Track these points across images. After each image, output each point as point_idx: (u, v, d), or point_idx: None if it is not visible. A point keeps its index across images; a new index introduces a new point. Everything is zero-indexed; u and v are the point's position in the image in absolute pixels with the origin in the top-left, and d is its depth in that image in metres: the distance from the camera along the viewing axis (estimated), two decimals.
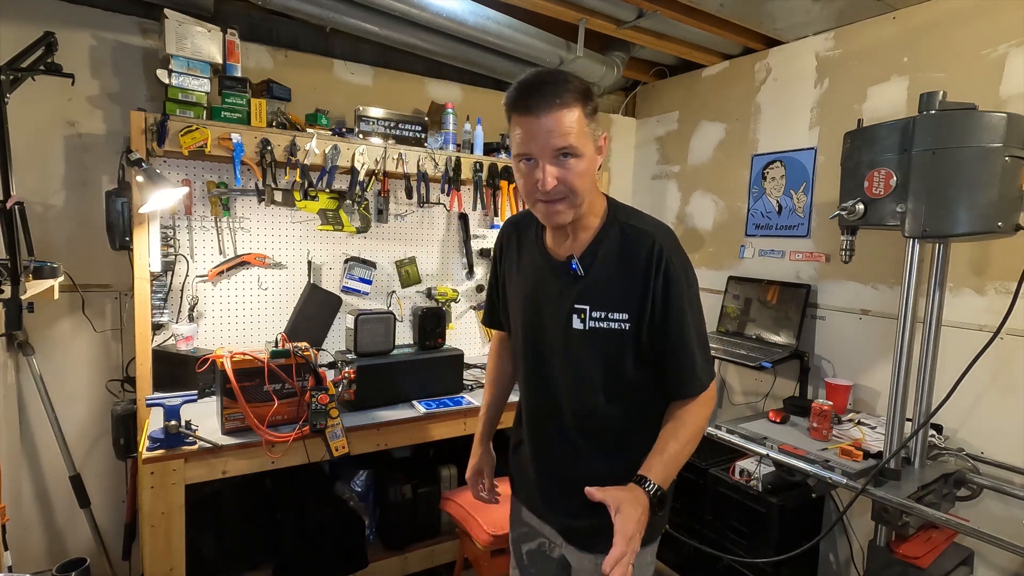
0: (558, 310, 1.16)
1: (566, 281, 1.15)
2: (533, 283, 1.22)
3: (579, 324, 1.13)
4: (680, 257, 1.11)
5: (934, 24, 2.13)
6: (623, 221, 1.14)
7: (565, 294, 1.15)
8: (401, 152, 2.38)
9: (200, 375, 1.91)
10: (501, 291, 1.35)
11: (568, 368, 1.17)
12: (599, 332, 1.12)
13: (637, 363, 1.13)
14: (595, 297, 1.12)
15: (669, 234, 1.14)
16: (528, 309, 1.22)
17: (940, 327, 1.77)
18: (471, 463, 1.47)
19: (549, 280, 1.18)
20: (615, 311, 1.10)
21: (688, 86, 3.16)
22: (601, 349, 1.13)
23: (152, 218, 1.95)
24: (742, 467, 2.26)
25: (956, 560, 1.80)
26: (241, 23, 2.23)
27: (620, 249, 1.11)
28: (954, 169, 1.53)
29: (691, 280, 1.13)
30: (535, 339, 1.21)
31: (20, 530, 2.09)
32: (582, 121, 1.03)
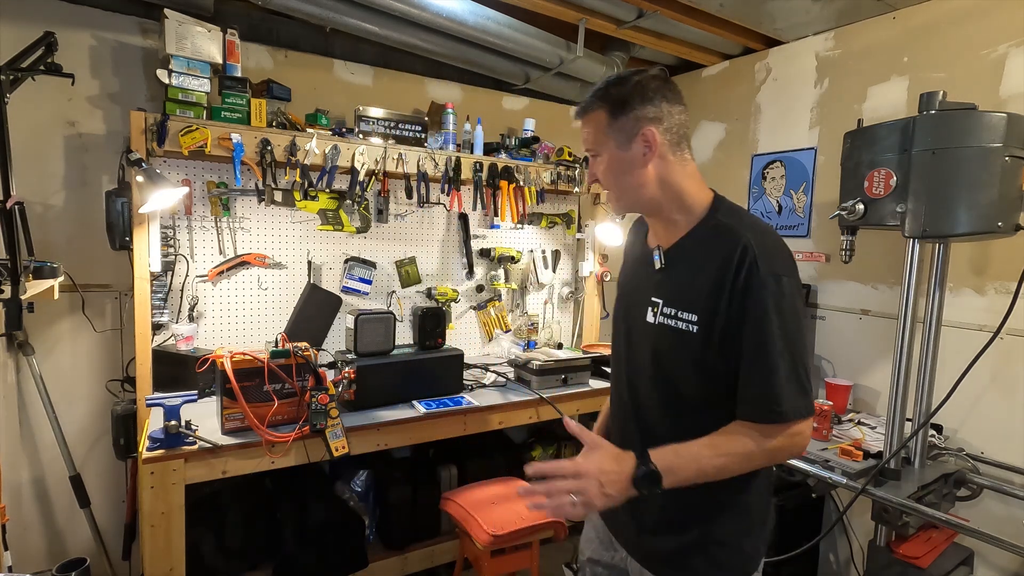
0: (639, 301, 1.14)
1: (648, 272, 1.13)
2: (629, 273, 1.24)
3: (651, 318, 1.09)
4: (775, 262, 0.98)
5: (934, 24, 2.13)
6: (719, 219, 1.06)
7: (645, 285, 1.13)
8: (401, 152, 2.38)
9: (200, 375, 1.91)
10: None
11: (633, 365, 1.15)
12: (666, 329, 1.05)
13: (698, 372, 1.03)
14: (670, 292, 1.07)
15: (770, 238, 1.02)
16: (620, 298, 1.25)
17: (940, 327, 1.77)
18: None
19: (639, 270, 1.19)
20: (686, 310, 1.03)
21: (688, 86, 3.16)
22: (660, 347, 1.07)
23: (152, 218, 1.95)
24: None
25: (956, 560, 1.80)
26: (241, 23, 2.23)
27: (706, 247, 1.04)
28: (954, 169, 1.53)
29: (785, 291, 0.96)
30: (620, 329, 1.22)
31: (20, 530, 2.09)
32: (603, 122, 1.06)
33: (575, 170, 2.78)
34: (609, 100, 1.05)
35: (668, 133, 1.05)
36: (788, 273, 0.98)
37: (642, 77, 1.05)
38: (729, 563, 1.07)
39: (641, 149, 1.04)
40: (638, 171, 1.06)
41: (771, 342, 0.95)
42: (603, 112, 1.05)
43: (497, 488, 2.19)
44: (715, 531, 1.07)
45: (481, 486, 2.21)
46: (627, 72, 1.07)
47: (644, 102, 1.03)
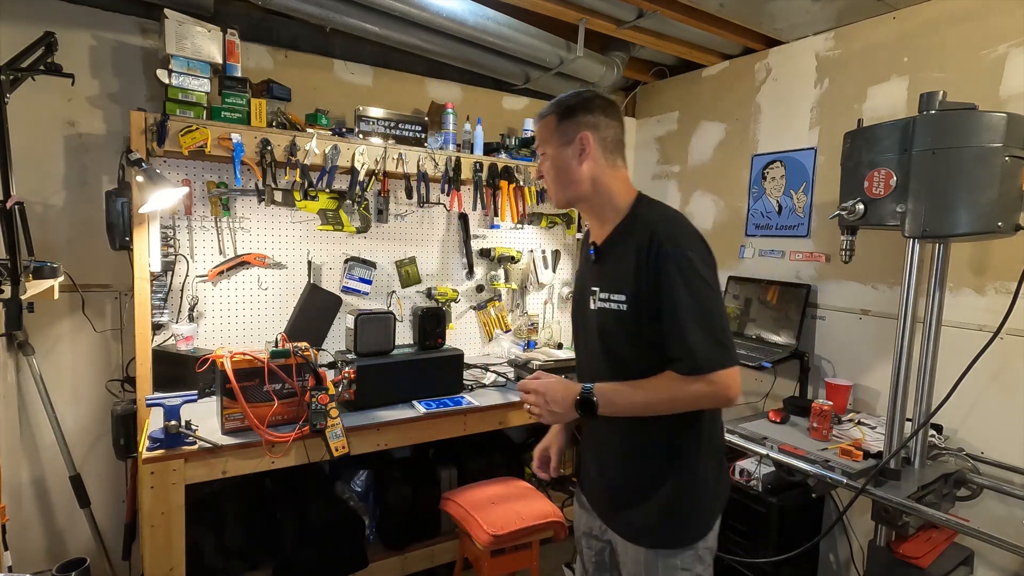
0: (584, 292, 1.32)
1: (589, 266, 1.33)
2: (579, 270, 1.46)
3: (592, 305, 1.27)
4: (679, 240, 1.15)
5: (934, 24, 2.13)
6: (638, 212, 1.25)
7: (588, 277, 1.32)
8: (401, 152, 2.38)
9: (200, 375, 1.91)
10: None
11: (586, 347, 1.33)
12: (604, 312, 1.23)
13: (634, 345, 1.20)
14: (604, 280, 1.25)
15: (674, 222, 1.19)
16: (573, 293, 1.46)
17: (940, 327, 1.77)
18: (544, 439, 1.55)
19: (583, 265, 1.39)
20: (616, 292, 1.21)
21: (688, 86, 3.16)
22: (604, 328, 1.24)
23: (152, 218, 1.95)
24: (742, 467, 2.26)
25: (956, 560, 1.80)
26: (241, 23, 2.23)
27: (627, 237, 1.23)
28: (954, 169, 1.53)
29: (691, 262, 1.13)
30: (576, 319, 1.40)
31: (20, 530, 2.09)
32: (552, 125, 1.27)
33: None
34: (560, 107, 1.26)
35: (602, 141, 1.25)
36: (692, 247, 1.15)
37: (590, 94, 1.27)
38: (687, 525, 1.24)
39: (578, 149, 1.24)
40: (574, 167, 1.25)
41: (682, 306, 1.12)
42: (553, 116, 1.27)
43: (497, 488, 2.19)
44: (683, 490, 1.23)
45: (481, 486, 2.21)
46: (579, 90, 1.29)
47: (586, 112, 1.24)
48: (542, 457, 1.52)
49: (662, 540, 1.24)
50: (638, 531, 1.26)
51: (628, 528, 1.28)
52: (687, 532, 1.24)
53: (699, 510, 1.25)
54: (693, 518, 1.24)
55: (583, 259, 1.40)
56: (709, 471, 1.26)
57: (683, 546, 1.24)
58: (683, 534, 1.24)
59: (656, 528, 1.24)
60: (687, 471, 1.23)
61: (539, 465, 1.52)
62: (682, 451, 1.23)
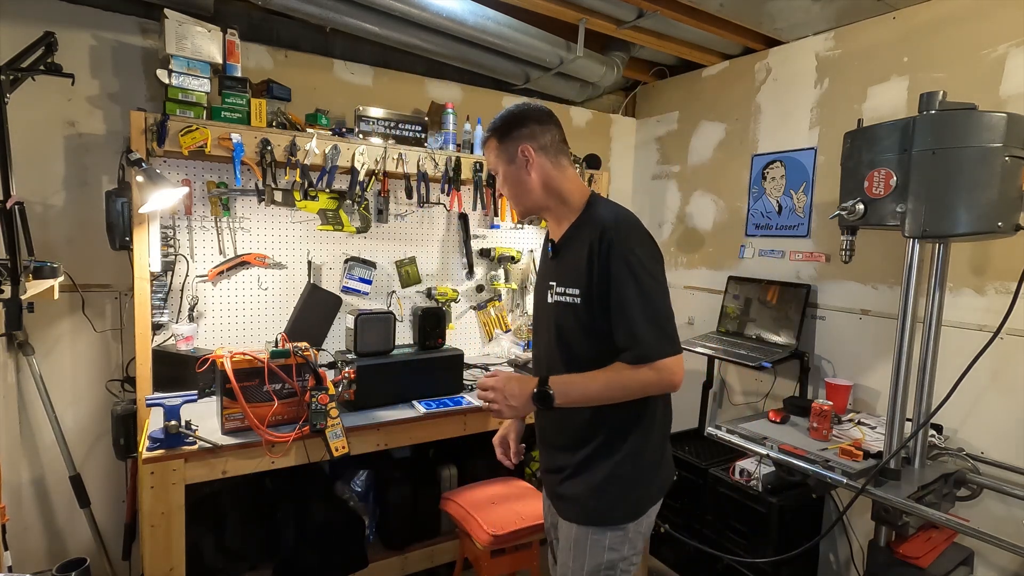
0: (543, 286, 1.40)
1: (547, 262, 1.42)
2: (539, 267, 1.52)
3: (551, 298, 1.35)
4: (629, 238, 1.23)
5: (934, 24, 2.13)
6: (591, 211, 1.33)
7: (546, 272, 1.41)
8: (401, 152, 2.38)
9: (200, 375, 1.91)
10: None
11: (544, 339, 1.41)
12: (560, 305, 1.32)
13: (587, 336, 1.28)
14: (560, 274, 1.33)
15: (624, 220, 1.27)
16: (535, 289, 1.51)
17: (940, 327, 1.77)
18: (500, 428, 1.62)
19: (543, 262, 1.47)
20: (571, 287, 1.29)
21: (688, 86, 3.16)
22: (559, 321, 1.32)
23: (152, 218, 1.95)
24: (742, 467, 2.26)
25: (956, 560, 1.80)
26: (241, 23, 2.23)
27: (581, 233, 1.31)
28: (954, 169, 1.53)
29: (638, 258, 1.22)
30: (536, 313, 1.47)
31: (20, 530, 2.09)
32: (494, 146, 1.37)
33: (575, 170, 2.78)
34: (496, 130, 1.37)
35: (542, 148, 1.34)
36: (640, 244, 1.24)
37: (517, 109, 1.36)
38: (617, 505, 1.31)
39: (523, 161, 1.33)
40: (524, 179, 1.35)
41: (629, 299, 1.20)
42: (494, 139, 1.37)
43: (497, 488, 2.19)
44: (616, 473, 1.30)
45: (481, 486, 2.21)
46: (509, 107, 1.38)
47: (519, 126, 1.34)
48: (502, 445, 1.59)
49: (591, 517, 1.31)
50: (570, 508, 1.35)
51: (563, 505, 1.37)
52: (616, 511, 1.31)
53: (633, 492, 1.31)
54: (625, 499, 1.31)
55: (542, 256, 1.49)
56: (652, 457, 1.34)
57: (611, 524, 1.30)
58: (612, 513, 1.30)
59: (586, 505, 1.32)
60: (627, 454, 1.30)
61: (501, 453, 1.58)
62: (624, 434, 1.31)
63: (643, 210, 3.48)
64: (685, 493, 2.55)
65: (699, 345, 2.67)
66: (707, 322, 2.97)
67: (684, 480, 2.58)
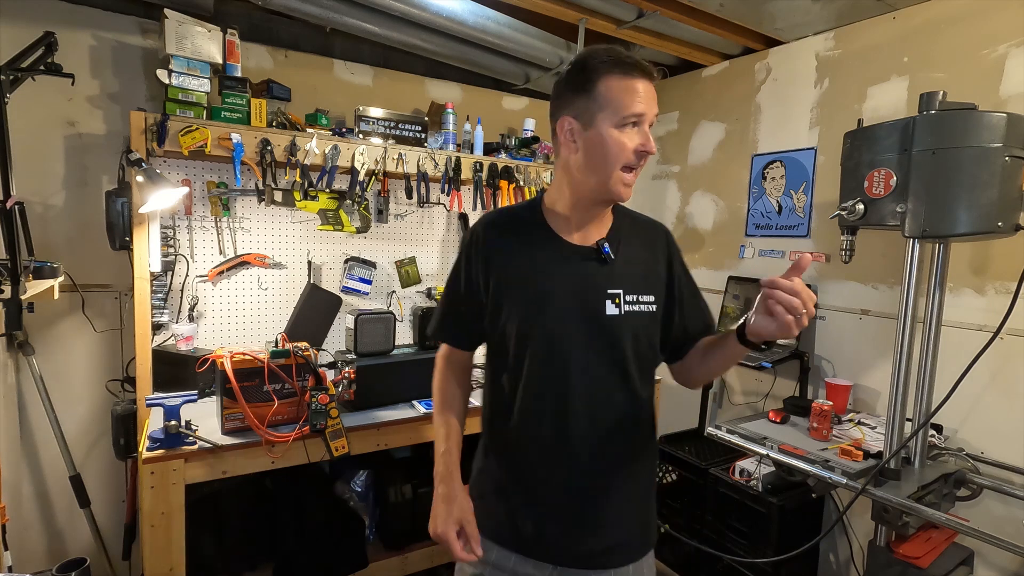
0: (593, 297, 1.13)
1: (594, 267, 1.15)
2: (553, 274, 1.15)
3: (614, 309, 1.13)
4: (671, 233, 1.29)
5: (934, 24, 2.13)
6: (627, 212, 1.26)
7: (596, 280, 1.14)
8: (401, 152, 2.38)
9: (200, 375, 1.91)
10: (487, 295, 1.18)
11: (590, 358, 1.13)
12: (633, 316, 1.14)
13: (654, 347, 1.20)
14: (627, 281, 1.15)
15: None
16: (548, 300, 1.14)
17: (940, 327, 1.77)
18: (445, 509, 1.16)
19: (577, 268, 1.15)
20: (644, 294, 1.16)
21: (688, 86, 3.16)
22: (634, 332, 1.14)
23: (152, 218, 1.95)
24: (742, 467, 2.26)
25: (956, 560, 1.80)
26: (241, 23, 2.23)
27: (640, 236, 1.22)
28: (954, 169, 1.53)
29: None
30: (557, 332, 1.13)
31: (20, 530, 2.09)
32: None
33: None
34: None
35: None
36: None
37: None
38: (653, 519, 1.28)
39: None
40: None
41: (695, 288, 1.25)
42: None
43: None
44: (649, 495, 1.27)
45: None
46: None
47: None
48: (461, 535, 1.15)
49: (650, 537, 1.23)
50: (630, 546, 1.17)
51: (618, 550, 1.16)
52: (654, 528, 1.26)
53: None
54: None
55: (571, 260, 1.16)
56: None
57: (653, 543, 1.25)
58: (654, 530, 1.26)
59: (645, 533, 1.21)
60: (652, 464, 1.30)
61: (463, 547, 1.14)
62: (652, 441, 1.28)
63: (643, 210, 3.44)
64: (685, 493, 2.55)
65: None
66: None
67: (684, 480, 2.58)
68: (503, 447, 1.23)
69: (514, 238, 1.19)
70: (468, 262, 1.21)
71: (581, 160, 1.10)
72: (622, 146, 1.06)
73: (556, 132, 1.14)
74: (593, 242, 1.16)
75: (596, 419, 1.14)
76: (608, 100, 1.06)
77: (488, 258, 1.18)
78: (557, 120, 1.13)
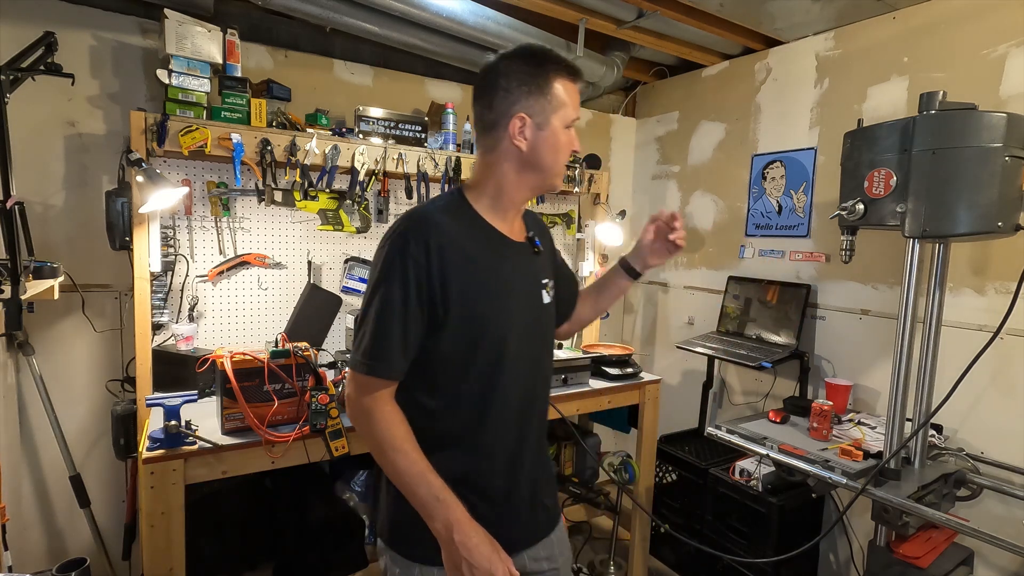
0: (535, 289, 1.21)
1: (530, 259, 1.22)
2: (511, 272, 1.15)
3: (547, 297, 1.23)
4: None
5: (934, 24, 2.13)
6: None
7: (535, 272, 1.22)
8: (401, 152, 2.38)
9: (200, 375, 1.91)
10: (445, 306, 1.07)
11: (546, 345, 1.27)
12: (553, 301, 1.27)
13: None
14: (547, 270, 1.26)
15: None
16: (511, 297, 1.14)
17: (940, 327, 1.77)
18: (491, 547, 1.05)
19: (522, 262, 1.19)
20: (552, 279, 1.27)
21: (688, 86, 3.16)
22: (554, 315, 1.29)
23: (152, 218, 1.95)
24: (742, 467, 2.26)
25: (956, 560, 1.80)
26: (241, 23, 2.23)
27: (537, 226, 1.30)
28: (954, 169, 1.53)
29: None
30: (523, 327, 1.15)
31: (20, 530, 2.09)
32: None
33: (575, 170, 2.78)
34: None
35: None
36: None
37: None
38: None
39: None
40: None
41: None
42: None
43: None
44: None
45: None
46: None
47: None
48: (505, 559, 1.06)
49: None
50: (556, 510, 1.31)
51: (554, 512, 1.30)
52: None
53: None
54: None
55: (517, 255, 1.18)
56: None
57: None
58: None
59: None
60: None
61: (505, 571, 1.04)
62: None
63: (643, 210, 3.48)
64: (685, 493, 2.55)
65: (699, 345, 2.67)
66: (707, 322, 2.97)
67: (684, 480, 2.58)
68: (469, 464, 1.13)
69: (464, 239, 1.10)
70: (423, 273, 1.04)
71: (529, 156, 1.12)
72: (568, 145, 1.15)
73: (499, 126, 1.10)
74: (521, 235, 1.21)
75: (537, 408, 1.24)
76: (562, 102, 1.11)
77: (446, 266, 1.06)
78: (508, 116, 1.09)
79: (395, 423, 1.08)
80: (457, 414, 1.12)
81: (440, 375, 1.11)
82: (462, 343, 1.09)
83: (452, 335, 1.08)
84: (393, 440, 1.06)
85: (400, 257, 1.04)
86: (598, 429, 3.02)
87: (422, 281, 1.04)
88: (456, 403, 1.11)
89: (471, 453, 1.13)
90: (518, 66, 1.09)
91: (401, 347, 1.06)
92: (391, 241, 1.06)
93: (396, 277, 1.04)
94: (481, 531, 1.05)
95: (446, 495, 1.04)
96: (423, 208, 1.12)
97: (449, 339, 1.08)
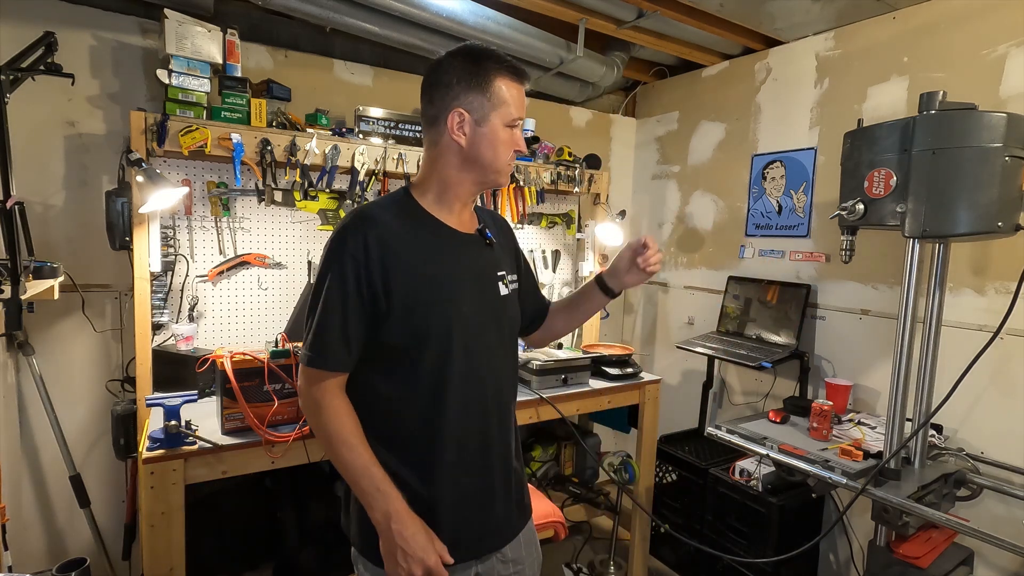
0: (489, 281, 1.21)
1: (482, 252, 1.22)
2: (458, 264, 1.17)
3: (504, 289, 1.23)
4: None
5: (934, 24, 2.13)
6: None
7: (488, 264, 1.22)
8: (401, 152, 2.38)
9: (200, 375, 1.91)
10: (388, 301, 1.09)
11: (503, 336, 1.24)
12: (513, 294, 1.26)
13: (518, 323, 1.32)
14: (504, 262, 1.26)
15: None
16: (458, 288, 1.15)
17: (940, 327, 1.77)
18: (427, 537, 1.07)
19: (470, 252, 1.20)
20: (512, 273, 1.28)
21: (688, 86, 3.16)
22: (514, 309, 1.28)
23: (152, 218, 1.95)
24: (742, 467, 2.26)
25: (956, 560, 1.80)
26: (241, 23, 2.23)
27: (496, 223, 1.32)
28: (954, 169, 1.53)
29: None
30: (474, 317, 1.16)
31: (20, 530, 2.09)
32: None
33: (575, 170, 2.78)
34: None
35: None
36: None
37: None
38: None
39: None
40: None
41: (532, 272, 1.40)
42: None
43: None
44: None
45: None
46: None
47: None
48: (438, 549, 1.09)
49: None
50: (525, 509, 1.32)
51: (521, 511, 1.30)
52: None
53: None
54: None
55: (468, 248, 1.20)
56: None
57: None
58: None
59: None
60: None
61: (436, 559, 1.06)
62: None
63: (643, 210, 3.48)
64: (685, 493, 2.55)
65: (699, 345, 2.67)
66: (707, 322, 2.97)
67: (684, 480, 2.58)
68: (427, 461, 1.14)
69: (406, 233, 1.12)
70: (361, 267, 1.06)
71: (469, 151, 1.13)
72: (509, 143, 1.15)
73: (439, 120, 1.13)
74: (471, 227, 1.22)
75: (502, 399, 1.22)
76: (502, 100, 1.12)
77: (386, 259, 1.07)
78: (447, 111, 1.11)
79: (342, 416, 1.10)
80: (412, 401, 1.13)
81: (393, 363, 1.13)
82: (407, 332, 1.10)
83: (398, 325, 1.10)
84: (339, 433, 1.09)
85: (339, 253, 1.08)
86: (598, 429, 3.03)
87: (361, 275, 1.06)
88: (412, 390, 1.13)
89: (433, 442, 1.13)
90: (460, 63, 1.11)
91: (341, 340, 1.08)
92: (331, 239, 1.10)
93: (335, 273, 1.07)
94: (418, 522, 1.08)
95: (386, 487, 1.07)
96: (366, 205, 1.16)
97: (395, 329, 1.10)
